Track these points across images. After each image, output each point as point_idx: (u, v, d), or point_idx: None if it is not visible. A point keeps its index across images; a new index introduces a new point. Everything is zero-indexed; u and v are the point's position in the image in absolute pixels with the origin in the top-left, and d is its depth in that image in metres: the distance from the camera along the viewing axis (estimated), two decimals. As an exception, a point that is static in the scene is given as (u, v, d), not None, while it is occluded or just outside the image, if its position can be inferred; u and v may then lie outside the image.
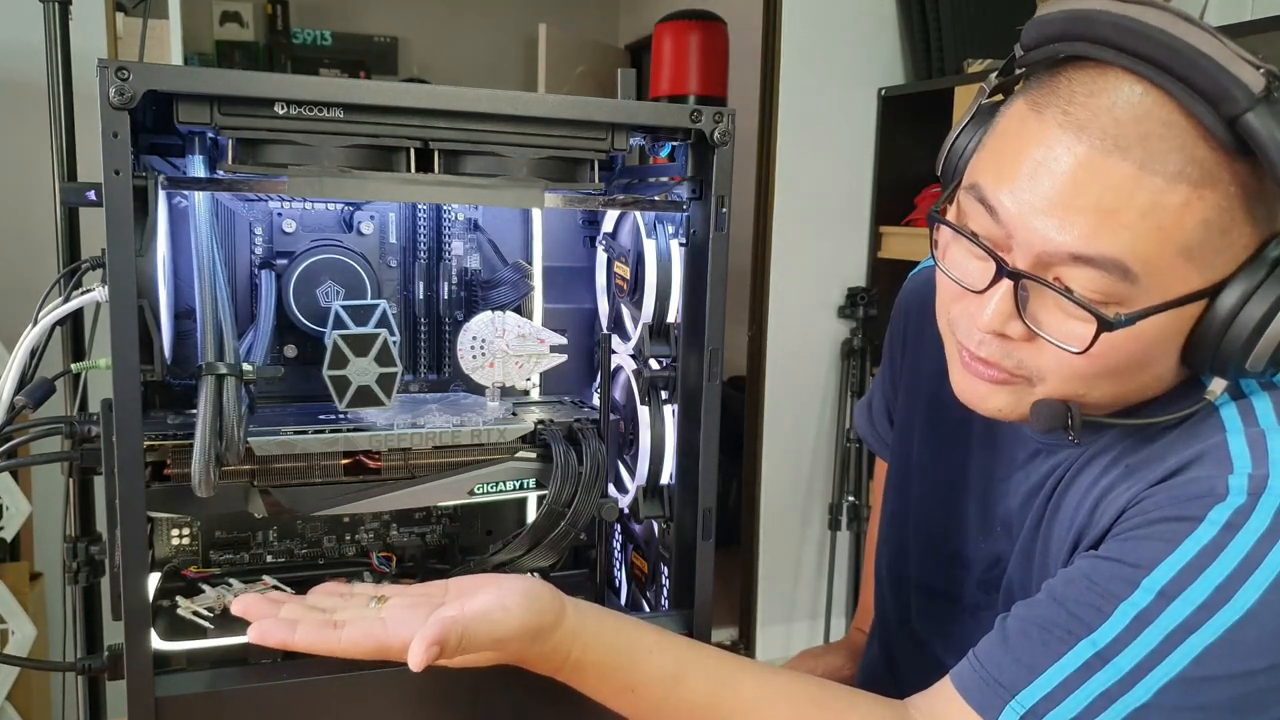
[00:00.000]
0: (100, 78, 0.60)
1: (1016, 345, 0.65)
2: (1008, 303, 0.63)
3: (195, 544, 0.87)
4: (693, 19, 2.83)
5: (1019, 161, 0.62)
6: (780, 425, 2.69)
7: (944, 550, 0.85)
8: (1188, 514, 0.62)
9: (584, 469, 0.80)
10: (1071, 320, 0.62)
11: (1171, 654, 0.60)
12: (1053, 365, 0.64)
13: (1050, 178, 0.60)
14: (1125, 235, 0.58)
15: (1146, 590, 0.61)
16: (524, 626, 0.64)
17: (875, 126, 2.63)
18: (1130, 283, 0.59)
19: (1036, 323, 0.63)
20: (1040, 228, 0.60)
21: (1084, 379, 0.64)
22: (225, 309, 0.70)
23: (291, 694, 0.71)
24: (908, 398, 0.94)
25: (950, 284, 0.69)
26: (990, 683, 0.64)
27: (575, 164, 0.75)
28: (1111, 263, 0.59)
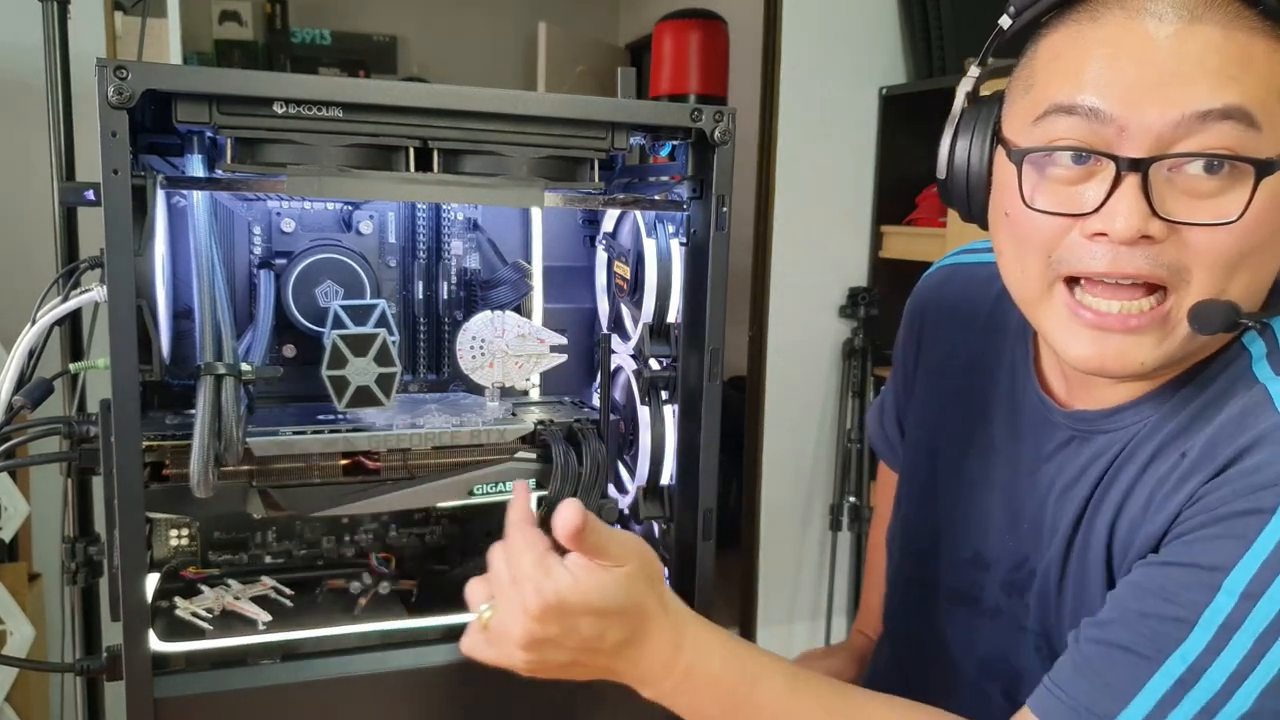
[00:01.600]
0: (99, 77, 0.60)
1: (1159, 248, 0.61)
2: (1140, 200, 0.59)
3: (194, 544, 0.87)
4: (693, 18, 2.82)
5: (1096, 63, 0.61)
6: (780, 425, 2.68)
7: (964, 551, 0.83)
8: (1257, 506, 0.60)
9: (584, 469, 0.79)
10: (1208, 198, 0.60)
11: (1266, 656, 0.58)
12: (1199, 256, 0.61)
13: (1142, 59, 0.59)
14: (1238, 85, 0.58)
15: (1228, 593, 0.59)
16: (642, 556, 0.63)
17: (876, 126, 2.63)
18: (1257, 131, 0.59)
19: (1174, 214, 0.60)
20: (1151, 104, 0.59)
21: (1231, 263, 0.61)
22: (224, 309, 0.70)
23: (291, 694, 0.71)
24: (926, 398, 0.92)
25: (1045, 230, 0.64)
26: (1080, 711, 0.62)
27: (575, 163, 0.75)
28: (1237, 111, 0.58)
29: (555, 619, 0.60)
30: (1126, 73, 0.60)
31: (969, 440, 0.84)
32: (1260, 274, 0.63)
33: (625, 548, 0.63)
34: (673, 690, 0.64)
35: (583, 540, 0.60)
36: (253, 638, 0.75)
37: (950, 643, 0.85)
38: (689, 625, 0.65)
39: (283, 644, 0.75)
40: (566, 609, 0.60)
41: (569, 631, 0.61)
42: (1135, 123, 0.60)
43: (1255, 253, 0.61)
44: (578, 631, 0.61)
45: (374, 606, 0.82)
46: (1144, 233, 0.60)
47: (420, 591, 0.85)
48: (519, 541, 0.63)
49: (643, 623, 0.63)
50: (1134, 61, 0.60)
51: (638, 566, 0.63)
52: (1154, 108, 0.59)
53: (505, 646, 0.62)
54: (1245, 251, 0.61)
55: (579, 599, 0.60)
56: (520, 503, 0.67)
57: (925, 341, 0.93)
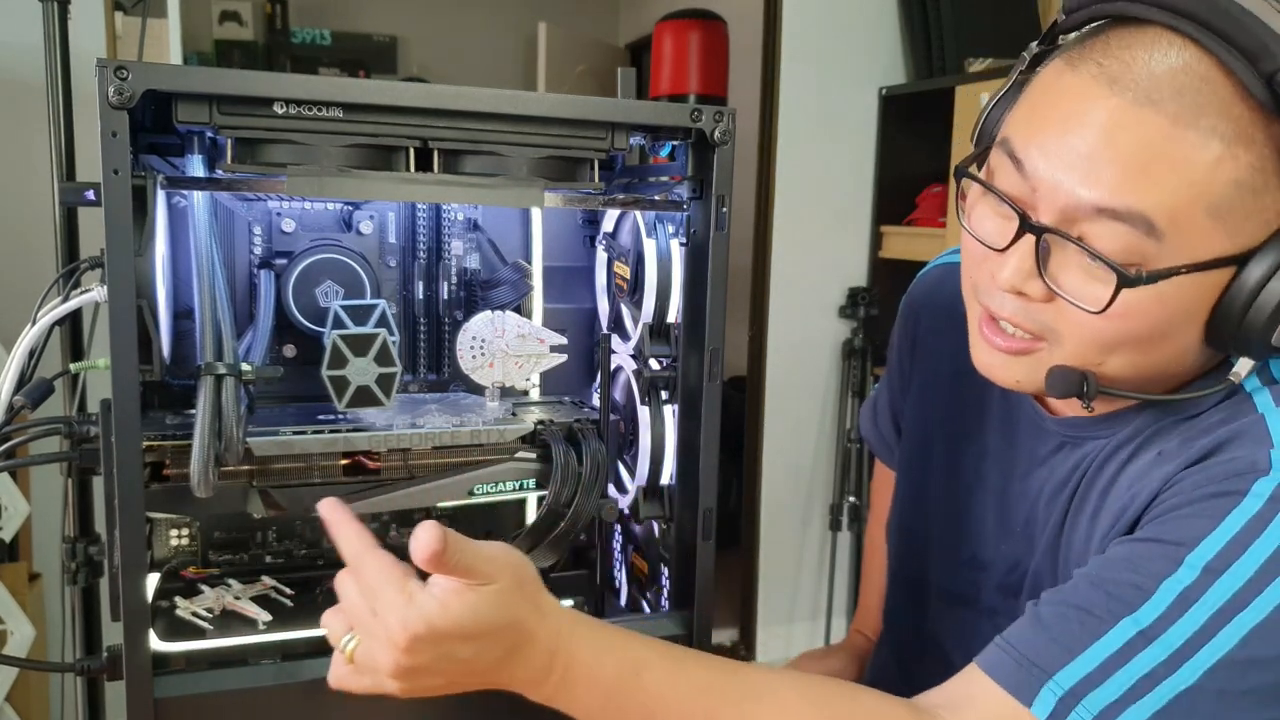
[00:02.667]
0: (99, 77, 0.60)
1: (1038, 306, 0.63)
2: (1028, 260, 0.62)
3: (194, 544, 0.87)
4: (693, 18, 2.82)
5: (1051, 115, 0.61)
6: (780, 425, 2.69)
7: (961, 554, 0.84)
8: (1230, 489, 0.60)
9: (584, 469, 0.79)
10: (1093, 281, 0.60)
11: (1219, 634, 0.58)
12: (1072, 328, 0.62)
13: (1080, 130, 0.59)
14: (1153, 189, 0.57)
15: (1191, 567, 0.59)
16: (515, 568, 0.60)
17: (876, 126, 2.63)
18: (1155, 240, 0.57)
19: (1056, 282, 0.61)
20: (1066, 181, 0.59)
21: (1103, 344, 0.62)
22: (224, 309, 0.70)
23: (291, 694, 0.71)
24: (921, 399, 0.93)
25: (975, 246, 0.67)
26: (1024, 664, 0.61)
27: (575, 163, 0.75)
28: (1137, 216, 0.57)
29: (426, 647, 0.57)
30: (1068, 139, 0.59)
31: (964, 443, 0.85)
32: (1145, 361, 0.63)
33: (494, 563, 0.59)
34: (554, 693, 0.61)
35: (445, 563, 0.57)
36: (253, 637, 0.76)
37: (949, 642, 0.86)
38: (564, 625, 0.62)
39: (283, 644, 0.75)
40: (437, 636, 0.56)
41: (442, 658, 0.57)
42: (1047, 192, 0.60)
43: (1134, 344, 0.62)
44: (452, 657, 0.58)
45: (374, 606, 0.82)
46: (1021, 290, 0.63)
47: (420, 591, 0.85)
48: (372, 569, 0.59)
49: (519, 638, 0.59)
50: (1077, 130, 0.59)
51: (509, 580, 0.59)
52: (1068, 184, 0.59)
53: (375, 677, 0.59)
54: (1119, 340, 0.62)
55: (449, 625, 0.56)
56: (352, 526, 0.62)
57: (920, 343, 0.94)
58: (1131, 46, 0.59)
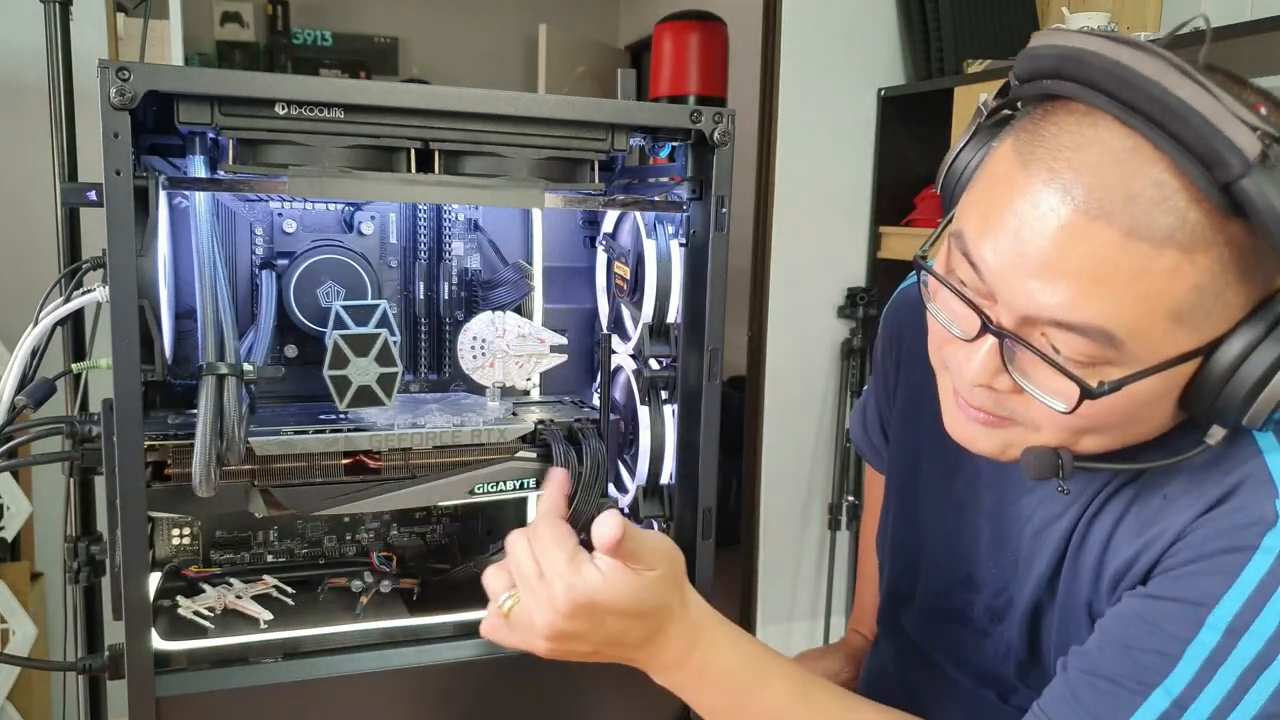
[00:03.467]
0: (101, 78, 0.60)
1: (1005, 396, 0.64)
2: (993, 358, 0.62)
3: (196, 544, 0.87)
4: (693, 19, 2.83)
5: (1003, 213, 0.59)
6: (780, 425, 2.69)
7: (955, 573, 0.84)
8: (1241, 544, 0.60)
9: (584, 469, 0.80)
10: (1060, 377, 0.59)
11: (1249, 694, 0.59)
12: (1044, 417, 0.62)
13: (1034, 238, 0.57)
14: (1110, 303, 0.56)
15: (1212, 629, 0.60)
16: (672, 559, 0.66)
17: (875, 127, 2.63)
18: (1116, 349, 0.57)
19: (1025, 376, 0.61)
20: (1023, 289, 0.58)
21: (1075, 432, 0.63)
22: (226, 309, 0.70)
23: (291, 694, 0.71)
24: (908, 412, 0.92)
25: (937, 327, 0.67)
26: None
27: (575, 164, 0.76)
28: (1096, 330, 0.57)
29: (584, 616, 0.62)
30: (1023, 242, 0.58)
31: (953, 462, 0.84)
32: (1120, 439, 0.63)
33: (657, 552, 0.65)
34: (685, 683, 0.67)
35: (619, 550, 0.62)
36: (254, 636, 0.76)
37: (945, 654, 0.85)
38: (706, 623, 0.68)
39: (284, 643, 0.76)
40: (596, 608, 0.62)
41: (595, 628, 0.63)
42: (1006, 298, 0.60)
43: (1102, 430, 0.62)
44: (603, 628, 0.63)
45: (375, 605, 0.83)
46: (988, 385, 0.63)
47: (421, 590, 0.86)
48: (548, 535, 0.64)
49: (664, 621, 0.65)
50: (1027, 238, 0.58)
51: (666, 570, 0.65)
52: (1026, 291, 0.58)
53: (528, 635, 0.64)
54: (1087, 429, 0.62)
55: (609, 600, 0.62)
56: (552, 492, 0.69)
57: (904, 357, 0.93)
58: (1082, 146, 0.57)
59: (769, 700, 0.67)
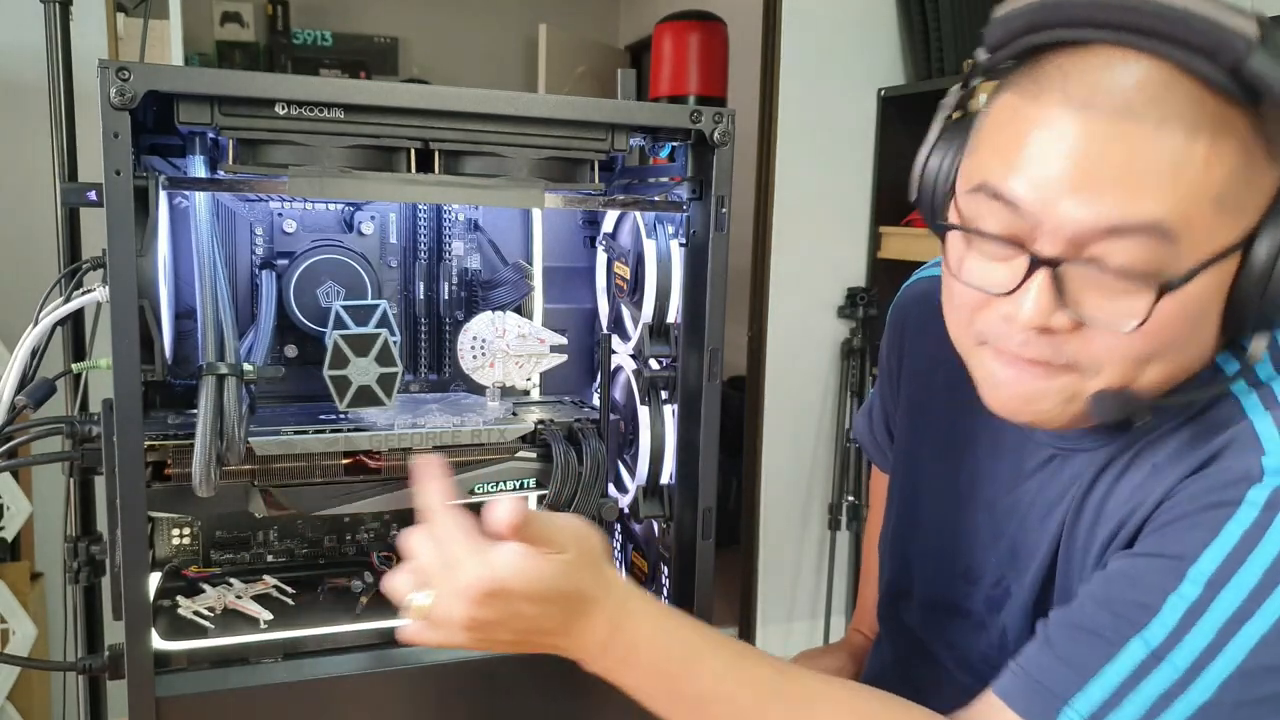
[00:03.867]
0: (101, 78, 0.60)
1: (1063, 339, 0.61)
2: (1047, 294, 0.59)
3: (196, 544, 0.87)
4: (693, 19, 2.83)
5: (1028, 147, 0.59)
6: (780, 425, 2.69)
7: (955, 566, 0.84)
8: (1225, 499, 0.60)
9: (584, 469, 0.80)
10: (1118, 298, 0.58)
11: (1228, 646, 0.58)
12: (1105, 351, 0.60)
13: (1068, 155, 0.57)
14: (1158, 196, 0.56)
15: (1193, 581, 0.59)
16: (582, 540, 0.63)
17: (875, 127, 2.63)
18: (1171, 244, 0.56)
19: (1080, 309, 0.60)
20: (1068, 208, 0.57)
21: (1138, 361, 0.61)
22: (226, 309, 0.70)
23: (291, 694, 0.71)
24: (911, 410, 0.92)
25: (970, 296, 0.65)
26: (1040, 690, 0.61)
27: (575, 164, 0.76)
28: (1150, 227, 0.56)
29: (496, 603, 0.59)
30: (1051, 166, 0.58)
31: (954, 455, 0.84)
32: (1176, 365, 0.63)
33: (565, 533, 0.62)
34: (613, 666, 0.63)
35: (521, 534, 0.60)
36: (254, 636, 0.76)
37: (944, 650, 0.86)
38: (629, 603, 0.64)
39: (284, 643, 0.76)
40: (506, 594, 0.59)
41: (511, 616, 0.60)
42: (1050, 223, 0.58)
43: (1163, 352, 0.61)
44: (519, 616, 0.61)
45: (375, 605, 0.83)
46: (1047, 326, 0.61)
47: (421, 590, 0.86)
48: (449, 525, 0.61)
49: (582, 605, 0.62)
50: (1060, 156, 0.58)
51: (577, 552, 0.62)
52: (1070, 210, 0.58)
53: (449, 630, 0.61)
54: (1151, 353, 0.61)
55: (518, 585, 0.59)
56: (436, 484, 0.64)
57: (908, 354, 0.93)
58: (1089, 70, 0.58)
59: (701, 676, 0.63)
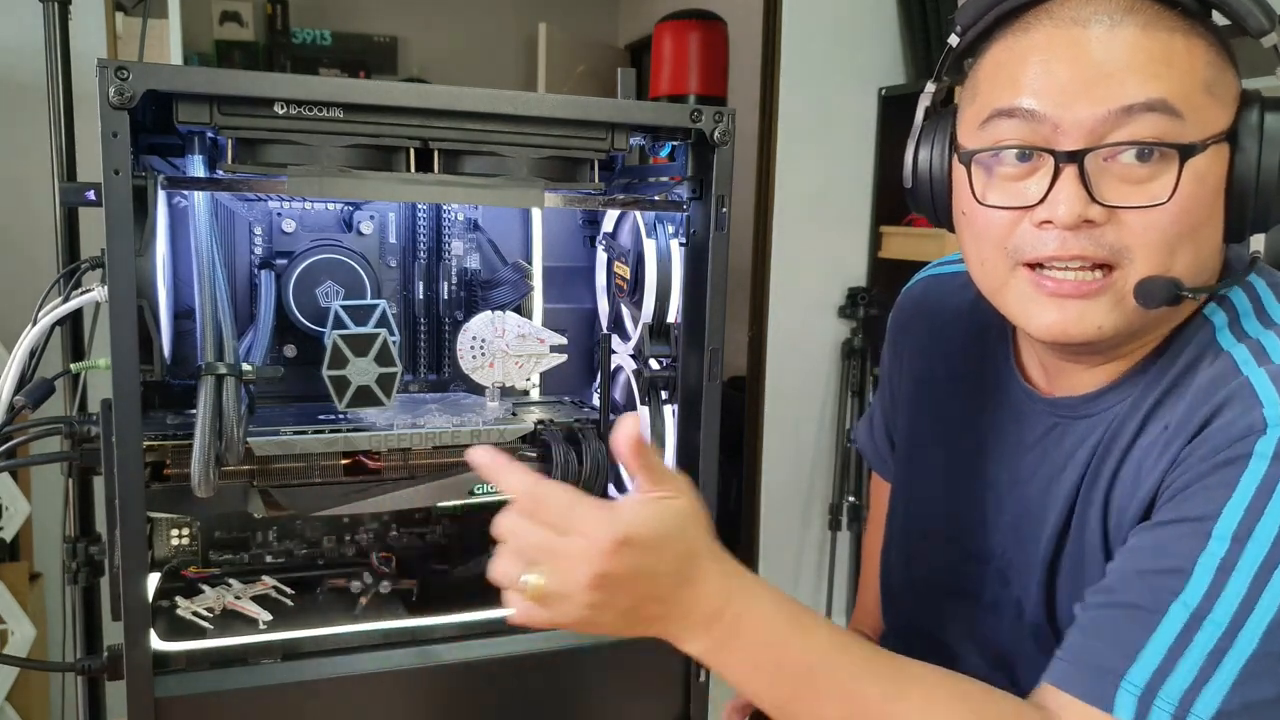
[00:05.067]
0: (100, 77, 0.60)
1: (1100, 231, 0.66)
2: (1078, 187, 0.65)
3: (195, 544, 0.87)
4: (693, 19, 2.82)
5: (1030, 68, 0.66)
6: (780, 425, 2.69)
7: (963, 549, 0.85)
8: (1235, 455, 0.62)
9: (584, 469, 0.80)
10: (1143, 184, 0.64)
11: (1263, 595, 0.60)
12: (1139, 236, 0.65)
13: (1072, 63, 0.65)
14: (1160, 80, 0.63)
15: (1219, 538, 0.61)
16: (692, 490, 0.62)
17: (875, 126, 2.63)
18: (1178, 119, 0.63)
19: (1109, 199, 0.65)
20: (1082, 105, 0.64)
21: (1169, 242, 0.65)
22: (225, 309, 0.70)
23: (291, 695, 0.71)
24: (910, 403, 0.94)
25: (1000, 220, 0.69)
26: (1093, 671, 0.63)
27: (575, 164, 0.75)
28: (1160, 103, 0.63)
29: (628, 553, 0.57)
30: (1058, 75, 0.65)
31: (956, 441, 0.86)
32: (1203, 251, 0.67)
33: (679, 482, 0.61)
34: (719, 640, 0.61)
35: (640, 455, 0.59)
36: (253, 637, 0.76)
37: (955, 637, 0.86)
38: (738, 571, 0.63)
39: (283, 643, 0.75)
40: (638, 540, 0.57)
41: (636, 572, 0.58)
42: (1069, 120, 0.65)
43: (1192, 232, 0.66)
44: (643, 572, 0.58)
45: (375, 606, 0.83)
46: (1084, 217, 0.65)
47: (421, 591, 0.86)
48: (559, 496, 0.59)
49: (697, 564, 0.60)
50: (1064, 64, 0.65)
51: (690, 501, 0.61)
52: (1084, 105, 0.64)
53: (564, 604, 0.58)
54: (1182, 231, 0.65)
55: (648, 529, 0.58)
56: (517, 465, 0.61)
57: (906, 354, 0.95)
58: (1066, 4, 0.66)
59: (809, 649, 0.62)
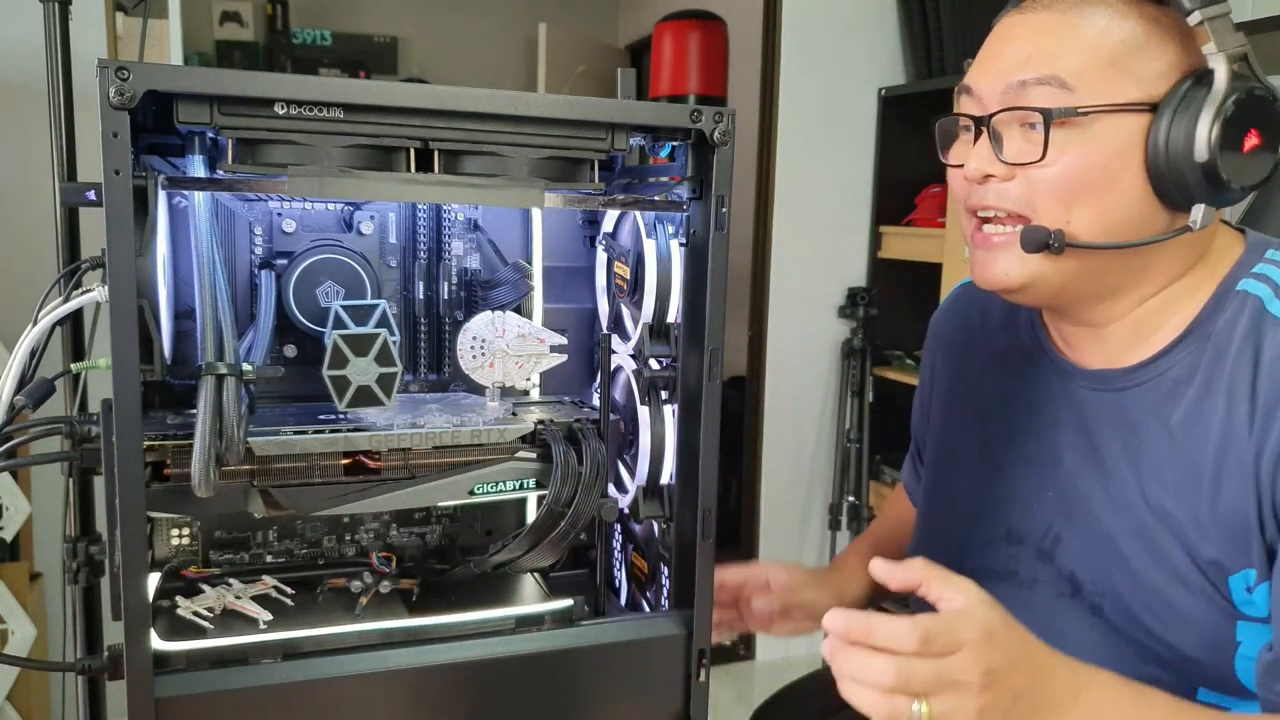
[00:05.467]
0: (100, 78, 0.60)
1: (1006, 186, 0.76)
2: (986, 147, 0.76)
3: (195, 544, 0.87)
4: (693, 19, 2.83)
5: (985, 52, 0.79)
6: (780, 425, 2.69)
7: (997, 530, 0.88)
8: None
9: (584, 469, 0.80)
10: (1033, 143, 0.74)
11: None
12: (1037, 190, 0.74)
13: (995, 44, 0.78)
14: (1054, 59, 0.73)
15: None
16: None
17: (875, 126, 2.63)
18: (1069, 92, 0.72)
19: (1008, 154, 0.75)
20: (992, 76, 0.76)
21: (1062, 199, 0.74)
22: (225, 309, 0.70)
23: (292, 693, 0.71)
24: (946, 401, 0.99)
25: (956, 176, 0.80)
26: None
27: (575, 164, 0.75)
28: (1051, 78, 0.73)
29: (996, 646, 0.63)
30: (986, 56, 0.78)
31: (994, 424, 0.90)
32: (1110, 212, 0.74)
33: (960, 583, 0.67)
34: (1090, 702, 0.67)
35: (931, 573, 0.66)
36: (254, 637, 0.76)
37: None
38: (1070, 659, 0.68)
39: (284, 643, 0.75)
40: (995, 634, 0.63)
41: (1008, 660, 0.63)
42: (985, 91, 0.77)
43: (1087, 190, 0.73)
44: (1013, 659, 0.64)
45: (375, 605, 0.83)
46: (985, 172, 0.76)
47: (421, 590, 0.86)
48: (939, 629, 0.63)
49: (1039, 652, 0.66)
50: (993, 46, 0.78)
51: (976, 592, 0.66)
52: (991, 80, 0.76)
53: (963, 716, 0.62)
54: (1074, 188, 0.73)
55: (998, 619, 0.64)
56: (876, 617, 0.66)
57: (939, 362, 1.00)
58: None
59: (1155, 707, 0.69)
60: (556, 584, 0.92)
